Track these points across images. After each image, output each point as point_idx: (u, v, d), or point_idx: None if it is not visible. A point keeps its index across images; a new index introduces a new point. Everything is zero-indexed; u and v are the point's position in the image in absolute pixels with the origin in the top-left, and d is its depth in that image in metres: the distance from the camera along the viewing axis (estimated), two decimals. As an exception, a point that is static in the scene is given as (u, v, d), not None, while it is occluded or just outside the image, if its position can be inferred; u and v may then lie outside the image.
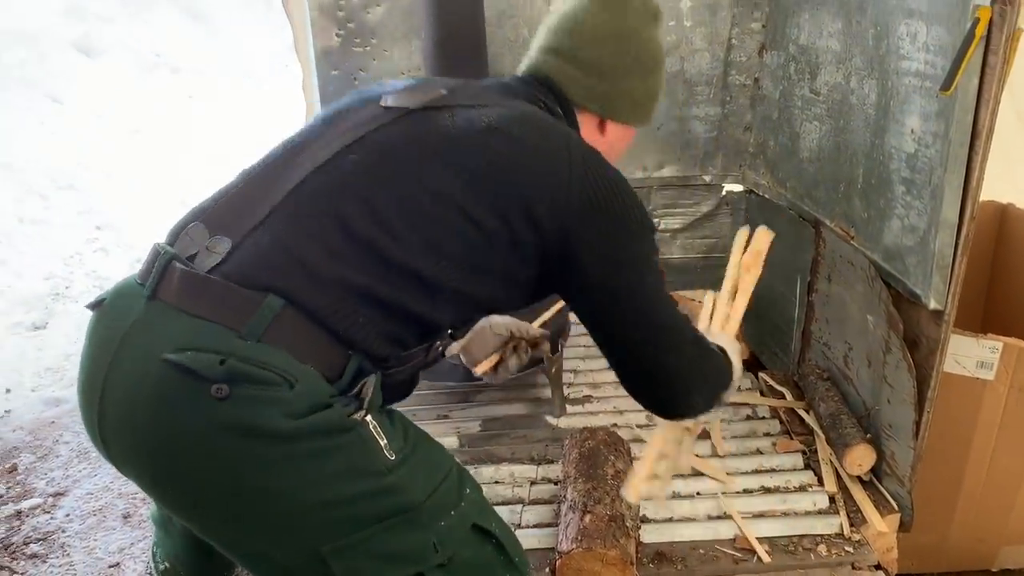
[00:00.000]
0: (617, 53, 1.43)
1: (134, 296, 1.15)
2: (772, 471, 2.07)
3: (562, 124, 1.37)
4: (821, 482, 2.00)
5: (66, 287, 4.09)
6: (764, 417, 2.32)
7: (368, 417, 1.14)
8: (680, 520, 1.91)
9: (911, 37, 1.75)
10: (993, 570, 2.16)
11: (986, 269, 2.48)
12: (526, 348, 1.78)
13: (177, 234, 1.20)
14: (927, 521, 1.95)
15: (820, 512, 1.92)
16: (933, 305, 1.72)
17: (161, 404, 1.07)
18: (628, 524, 1.71)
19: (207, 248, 1.15)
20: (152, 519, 1.55)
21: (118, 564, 2.26)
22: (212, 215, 1.20)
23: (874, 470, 1.98)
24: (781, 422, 2.27)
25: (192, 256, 1.15)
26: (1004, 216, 2.43)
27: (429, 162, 1.20)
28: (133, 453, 1.13)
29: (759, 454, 2.15)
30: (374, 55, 2.64)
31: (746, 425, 2.28)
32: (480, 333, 1.73)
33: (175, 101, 6.43)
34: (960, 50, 1.52)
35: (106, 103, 6.27)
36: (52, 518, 2.46)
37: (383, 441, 1.14)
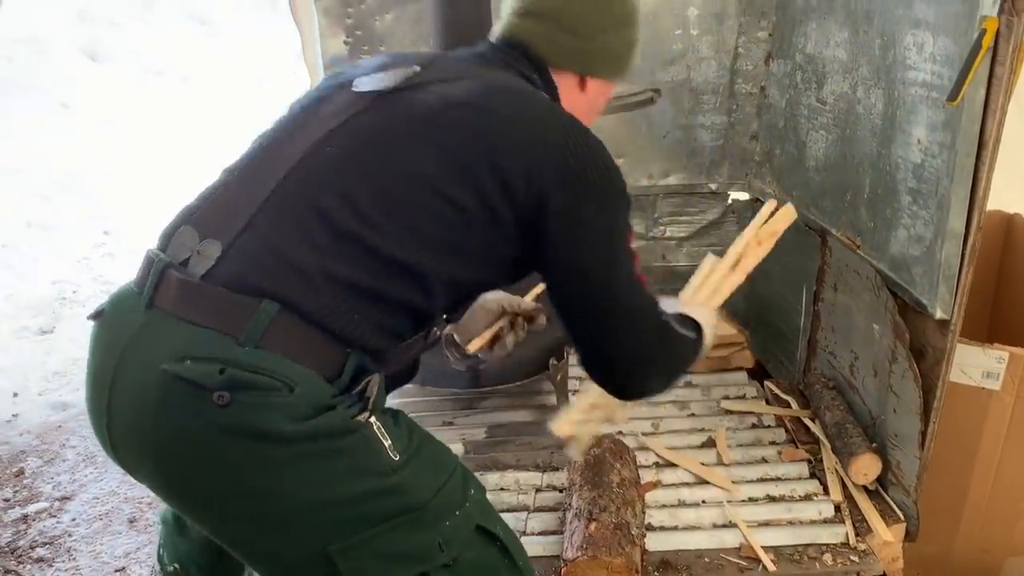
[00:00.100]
0: (592, 8, 1.41)
1: (133, 305, 1.17)
2: (777, 480, 2.07)
3: (539, 93, 1.35)
4: (827, 491, 2.00)
5: (73, 291, 4.10)
6: (770, 426, 2.32)
7: (372, 419, 1.15)
8: (685, 528, 1.91)
9: (918, 47, 1.75)
10: (999, 581, 2.16)
11: (992, 279, 2.48)
12: (522, 324, 1.73)
13: (168, 238, 1.21)
14: (933, 531, 1.95)
15: (825, 521, 1.92)
16: (939, 315, 1.72)
17: (165, 412, 1.08)
18: (633, 532, 1.71)
19: (198, 252, 1.15)
20: (161, 519, 1.56)
21: (124, 568, 2.27)
22: (200, 217, 1.21)
23: (880, 480, 1.98)
24: (787, 431, 2.27)
25: (185, 261, 1.16)
26: (1011, 226, 2.43)
27: (403, 146, 1.20)
28: (142, 459, 1.14)
29: (764, 463, 2.15)
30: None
31: (752, 434, 2.28)
32: (471, 310, 1.70)
33: (182, 106, 6.46)
34: (967, 61, 1.53)
35: (113, 108, 6.31)
36: (58, 522, 2.46)
37: (387, 442, 1.15)
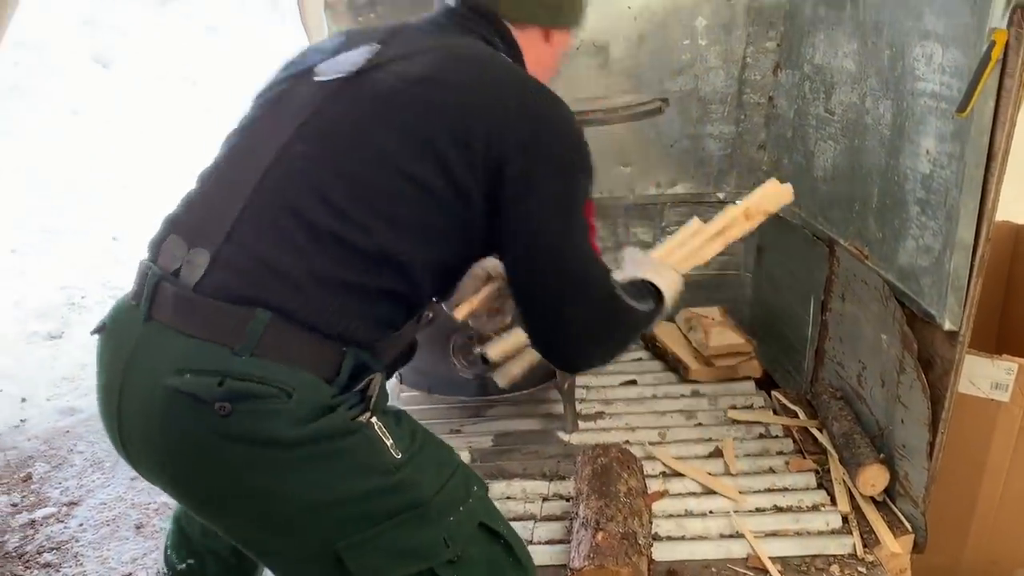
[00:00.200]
0: None
1: (132, 318, 1.19)
2: (785, 490, 2.07)
3: (500, 56, 1.35)
4: (834, 502, 2.00)
5: (82, 297, 4.12)
6: (777, 436, 2.32)
7: (373, 419, 1.17)
8: (692, 538, 1.91)
9: (927, 59, 1.76)
10: (1007, 593, 2.15)
11: (1001, 290, 2.47)
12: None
13: (157, 248, 1.23)
14: (941, 542, 1.94)
15: (833, 532, 1.92)
16: (948, 326, 1.72)
17: (170, 423, 1.11)
18: (640, 542, 1.71)
19: (188, 261, 1.17)
20: (174, 517, 1.58)
21: (131, 574, 2.28)
22: (185, 226, 1.23)
23: (887, 490, 1.97)
24: (794, 441, 2.27)
25: (176, 271, 1.17)
26: (1019, 237, 2.43)
27: (369, 133, 1.20)
28: (156, 467, 1.18)
29: (772, 473, 2.14)
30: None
31: (759, 444, 2.28)
32: None
33: (191, 112, 6.49)
34: (976, 72, 1.53)
35: (122, 114, 6.34)
36: (66, 527, 2.47)
37: (389, 441, 1.18)
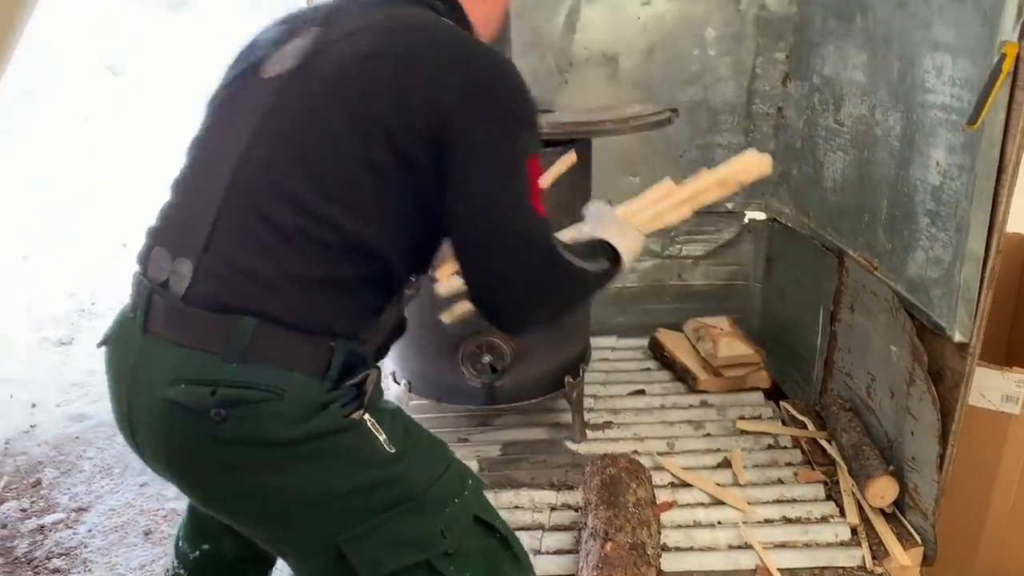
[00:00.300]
0: None
1: (131, 330, 1.23)
2: (793, 501, 2.07)
3: (442, 21, 1.33)
4: (843, 513, 1.99)
5: (92, 303, 4.14)
6: (785, 447, 2.31)
7: (366, 416, 1.20)
8: (701, 549, 1.90)
9: (937, 71, 1.76)
10: (1017, 606, 2.14)
11: (1011, 302, 2.47)
12: None
13: (145, 260, 1.26)
14: (950, 555, 1.93)
15: (842, 544, 1.91)
16: (958, 338, 1.72)
17: (171, 431, 1.17)
18: (649, 552, 1.71)
19: (174, 272, 1.20)
20: (188, 505, 1.59)
21: (139, 581, 2.28)
22: (166, 237, 1.25)
23: (897, 503, 1.97)
24: (803, 452, 2.26)
25: (165, 282, 1.20)
26: (1029, 249, 2.42)
27: (319, 125, 1.20)
28: (165, 469, 1.23)
29: (780, 484, 2.14)
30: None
31: (767, 454, 2.27)
32: None
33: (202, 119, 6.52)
34: (986, 85, 1.53)
35: (133, 121, 6.38)
36: (75, 533, 2.48)
37: (382, 437, 1.21)
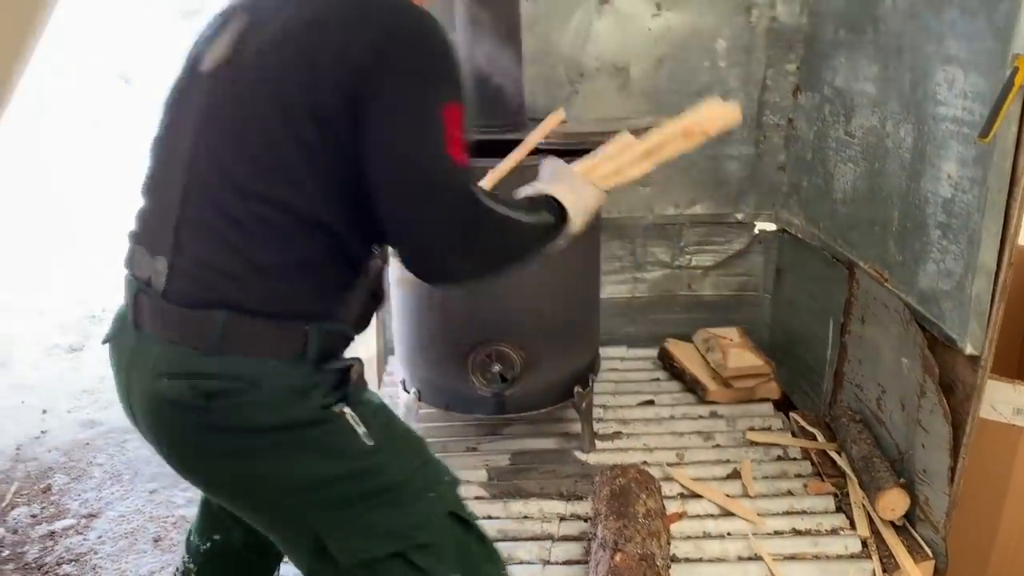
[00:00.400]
0: None
1: (126, 328, 1.30)
2: (803, 513, 2.06)
3: None
4: (853, 526, 1.99)
5: (103, 310, 4.16)
6: (795, 458, 2.31)
7: (346, 409, 1.24)
8: (711, 560, 1.90)
9: (949, 83, 1.76)
10: (1029, 621, 2.12)
11: (1023, 314, 2.46)
12: None
13: (131, 261, 1.32)
14: (961, 569, 1.92)
15: (852, 556, 1.91)
16: (970, 350, 1.71)
17: (160, 422, 1.25)
18: (659, 563, 1.70)
19: (155, 271, 1.25)
20: (201, 499, 1.63)
21: (148, 587, 2.29)
22: (143, 237, 1.31)
23: (907, 515, 1.96)
24: (812, 464, 2.26)
25: (148, 280, 1.26)
26: (1041, 261, 2.42)
27: (252, 111, 1.22)
28: (167, 456, 1.30)
29: (790, 495, 2.13)
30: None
31: (777, 466, 2.27)
32: None
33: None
34: (999, 98, 1.53)
35: (144, 128, 6.40)
36: (85, 539, 2.48)
37: (361, 429, 1.24)
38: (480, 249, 1.27)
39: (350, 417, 1.24)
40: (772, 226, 2.87)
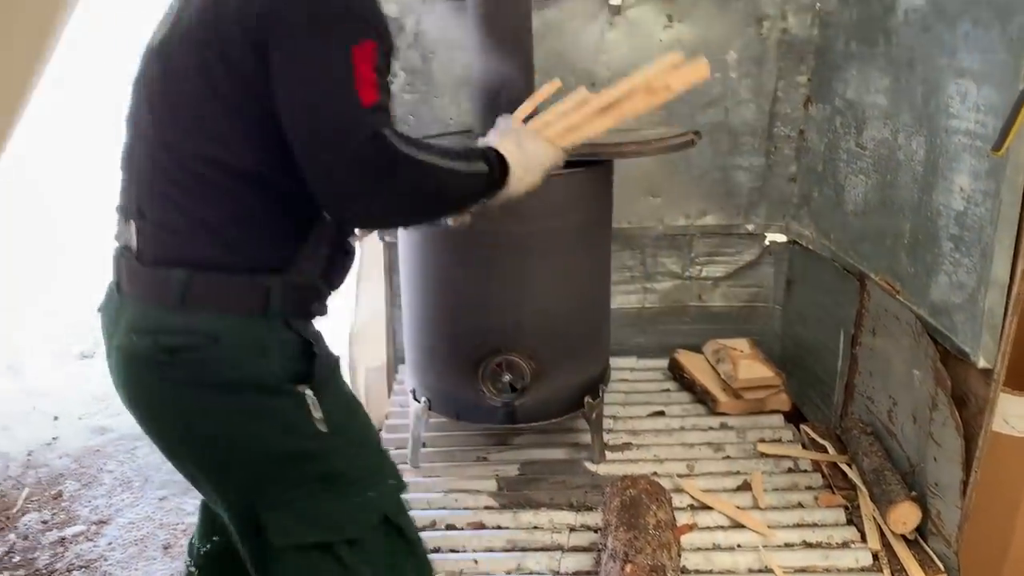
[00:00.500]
0: None
1: (112, 295, 1.38)
2: (814, 526, 2.05)
3: None
4: (864, 539, 1.98)
5: (114, 317, 4.18)
6: (806, 470, 2.30)
7: (308, 391, 1.27)
8: (721, 572, 1.90)
9: (961, 96, 1.76)
10: (1041, 636, 2.11)
11: (1035, 327, 2.45)
12: None
13: (117, 230, 1.39)
14: (974, 583, 1.92)
15: (863, 570, 1.90)
16: (982, 364, 1.71)
17: (131, 377, 1.30)
18: (669, 575, 1.70)
19: (129, 236, 1.33)
20: (200, 504, 1.64)
21: (158, 595, 2.29)
22: (121, 206, 1.37)
23: (919, 529, 1.95)
24: (823, 476, 2.25)
25: (127, 246, 1.34)
26: (1053, 274, 2.41)
27: (179, 77, 1.27)
28: (136, 416, 1.35)
29: (801, 508, 2.13)
30: (425, 100, 2.71)
31: (787, 478, 2.26)
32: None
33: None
34: (1012, 111, 1.53)
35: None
36: (95, 546, 2.49)
37: (317, 413, 1.28)
38: (393, 192, 1.25)
39: (310, 399, 1.27)
40: (783, 237, 2.87)
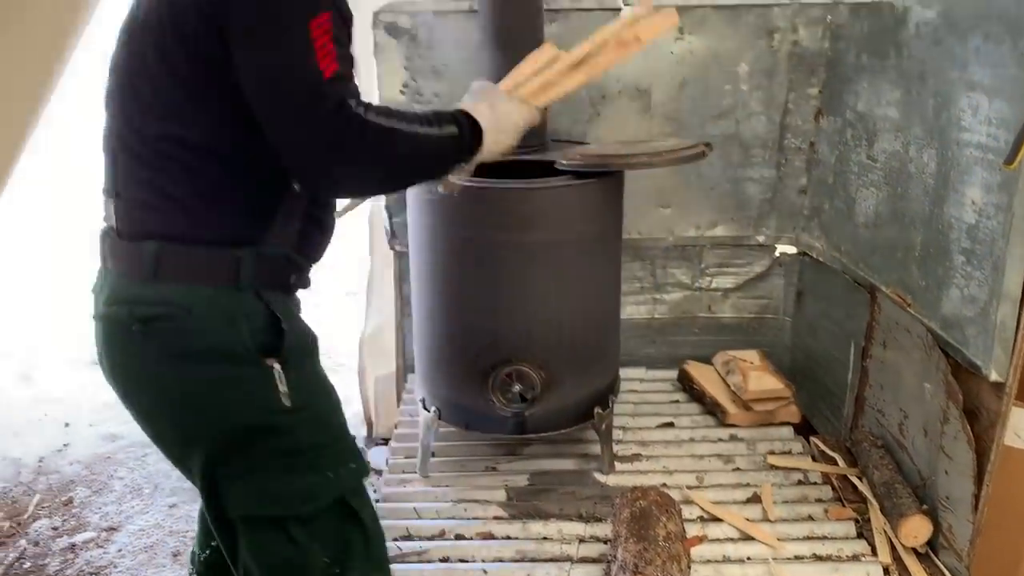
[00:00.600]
0: None
1: (100, 272, 1.43)
2: (824, 538, 2.04)
3: None
4: (875, 552, 1.97)
5: (125, 324, 4.21)
6: (816, 483, 2.29)
7: (276, 365, 1.29)
8: (730, 585, 1.89)
9: (973, 110, 1.76)
10: (1054, 652, 2.09)
11: (1046, 340, 2.44)
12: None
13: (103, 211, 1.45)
14: (985, 598, 1.90)
15: (874, 583, 1.89)
16: (994, 377, 1.70)
17: (108, 346, 1.36)
18: (679, 587, 1.70)
19: (109, 213, 1.38)
20: (199, 514, 1.66)
21: (167, 602, 2.30)
22: (104, 187, 1.42)
23: (930, 543, 1.94)
24: (833, 488, 2.24)
25: (111, 225, 1.39)
26: (1065, 287, 2.40)
27: (140, 58, 1.31)
28: (114, 386, 1.40)
29: (811, 520, 2.12)
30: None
31: (797, 490, 2.25)
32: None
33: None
34: (1024, 125, 1.54)
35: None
36: (105, 552, 2.50)
37: (283, 388, 1.30)
38: (362, 160, 1.27)
39: (277, 373, 1.30)
40: (793, 249, 2.87)
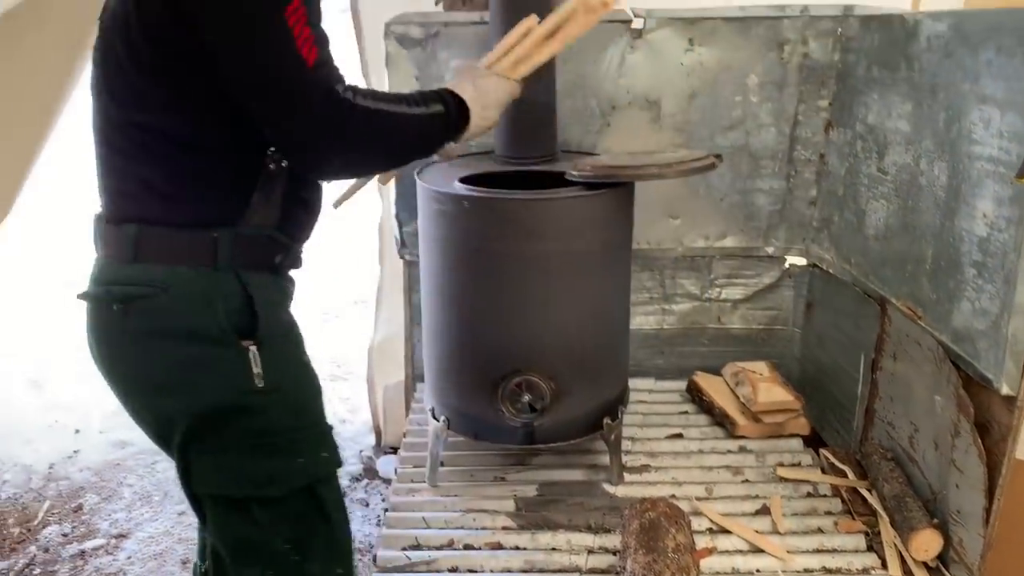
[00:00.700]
0: None
1: (94, 259, 1.48)
2: (834, 551, 2.04)
3: None
4: (885, 565, 1.96)
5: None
6: (825, 495, 2.28)
7: (251, 347, 1.33)
8: (739, 598, 1.88)
9: (984, 123, 1.76)
10: (1065, 668, 2.08)
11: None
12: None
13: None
14: (996, 613, 1.89)
15: (884, 597, 1.88)
16: (1006, 391, 1.70)
17: (92, 323, 1.42)
18: (688, 599, 1.69)
19: (99, 201, 1.44)
20: (199, 526, 1.67)
21: (176, 610, 2.30)
22: (95, 175, 1.46)
23: (941, 556, 1.93)
24: (843, 501, 2.23)
25: (100, 212, 1.45)
26: (1076, 300, 2.39)
27: (111, 54, 1.35)
28: (99, 365, 1.46)
29: (820, 533, 2.11)
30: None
31: (807, 503, 2.25)
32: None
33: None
34: (1036, 139, 1.54)
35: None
36: (114, 559, 2.51)
37: (256, 369, 1.33)
38: (355, 144, 1.33)
39: (252, 355, 1.33)
40: (802, 260, 2.87)
